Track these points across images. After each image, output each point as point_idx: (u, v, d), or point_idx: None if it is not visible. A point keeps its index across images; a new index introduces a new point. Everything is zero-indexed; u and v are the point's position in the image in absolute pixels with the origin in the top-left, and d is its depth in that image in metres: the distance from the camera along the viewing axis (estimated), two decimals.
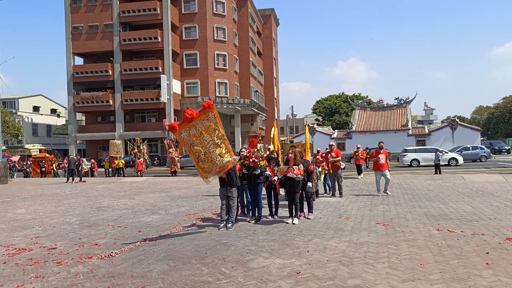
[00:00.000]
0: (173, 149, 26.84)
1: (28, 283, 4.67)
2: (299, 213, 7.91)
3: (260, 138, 16.07)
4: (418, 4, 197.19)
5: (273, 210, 8.48)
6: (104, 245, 6.45)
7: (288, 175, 7.52)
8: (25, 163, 34.01)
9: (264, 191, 8.35)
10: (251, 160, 7.76)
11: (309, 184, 8.07)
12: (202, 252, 5.79)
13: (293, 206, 7.75)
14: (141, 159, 26.66)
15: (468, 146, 32.68)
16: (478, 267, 4.69)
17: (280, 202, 8.90)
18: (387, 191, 11.52)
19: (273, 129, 11.44)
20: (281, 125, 67.41)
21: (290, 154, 7.83)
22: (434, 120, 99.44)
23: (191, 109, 6.81)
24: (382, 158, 11.49)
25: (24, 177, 30.02)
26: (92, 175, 27.49)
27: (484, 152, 32.11)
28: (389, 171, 11.67)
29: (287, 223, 7.64)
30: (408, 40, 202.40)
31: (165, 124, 39.12)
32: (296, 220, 7.67)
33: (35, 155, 35.31)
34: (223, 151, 7.05)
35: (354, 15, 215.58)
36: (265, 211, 8.77)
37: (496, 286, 4.08)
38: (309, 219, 8.03)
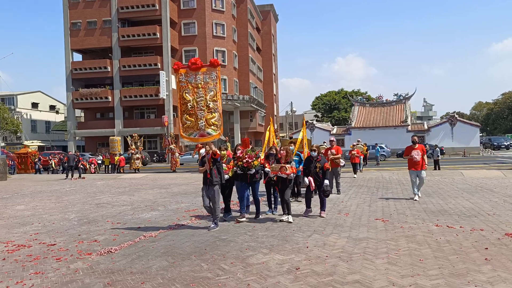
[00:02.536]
0: (174, 145, 26.85)
1: (27, 279, 4.67)
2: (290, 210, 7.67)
3: (278, 133, 15.85)
4: (416, 0, 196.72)
5: (273, 206, 8.49)
6: (104, 242, 6.45)
7: (279, 174, 7.37)
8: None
9: (263, 188, 8.37)
10: (244, 160, 7.47)
11: (326, 181, 7.82)
12: (201, 248, 5.79)
13: (285, 203, 7.52)
14: (123, 156, 27.12)
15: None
16: (477, 263, 4.70)
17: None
18: (419, 194, 10.00)
19: (270, 125, 11.25)
20: (281, 121, 67.36)
21: (281, 151, 7.60)
22: (433, 116, 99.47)
23: (198, 59, 6.94)
24: (417, 154, 9.76)
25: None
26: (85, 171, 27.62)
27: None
28: (425, 168, 9.89)
29: (281, 221, 7.45)
30: (407, 36, 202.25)
31: (164, 120, 39.09)
32: (291, 218, 7.42)
33: (17, 151, 34.86)
34: (213, 121, 6.82)
35: (352, 11, 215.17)
36: (264, 207, 8.78)
37: (495, 282, 4.09)
38: (323, 217, 7.80)
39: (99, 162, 30.04)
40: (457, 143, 37.83)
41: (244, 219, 7.66)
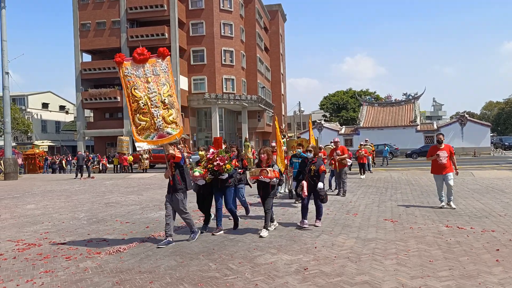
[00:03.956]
0: (182, 145, 26.96)
1: (37, 277, 4.72)
2: (269, 223, 6.75)
3: (285, 132, 15.32)
4: None
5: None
6: (112, 241, 6.49)
7: (260, 178, 6.54)
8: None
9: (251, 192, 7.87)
10: (215, 163, 6.53)
11: (320, 185, 7.01)
12: (209, 248, 5.80)
13: (266, 213, 6.63)
14: (127, 156, 27.37)
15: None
16: (488, 264, 4.64)
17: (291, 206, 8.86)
18: (451, 203, 8.54)
19: (275, 124, 11.12)
20: (288, 121, 67.25)
21: (262, 155, 6.81)
22: (443, 116, 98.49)
23: (144, 49, 6.09)
24: (442, 156, 8.47)
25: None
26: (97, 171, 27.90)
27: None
28: (456, 173, 8.66)
29: (261, 236, 6.39)
30: (416, 35, 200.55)
31: None
32: (264, 232, 6.43)
33: (25, 151, 35.24)
34: (171, 119, 6.00)
35: (360, 10, 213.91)
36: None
37: (506, 283, 4.02)
38: (317, 226, 6.99)
39: (95, 162, 30.27)
40: (467, 143, 37.43)
41: (220, 232, 6.73)
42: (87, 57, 45.83)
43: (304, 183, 6.98)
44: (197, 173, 6.49)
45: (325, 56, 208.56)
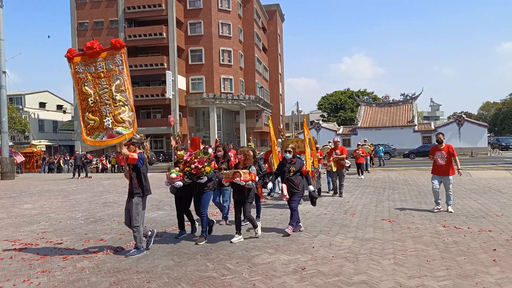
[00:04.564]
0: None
1: (34, 277, 4.70)
2: (257, 225, 6.40)
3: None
4: None
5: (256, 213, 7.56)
6: (110, 240, 6.48)
7: (235, 181, 6.00)
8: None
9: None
10: (193, 166, 5.97)
11: (310, 187, 6.76)
12: (207, 248, 5.79)
13: (239, 219, 6.24)
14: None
15: None
16: (485, 264, 4.65)
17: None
18: (449, 207, 8.11)
19: (269, 123, 10.73)
20: (286, 121, 67.28)
21: (239, 155, 6.32)
22: (440, 116, 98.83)
23: (95, 42, 5.63)
24: (440, 157, 8.14)
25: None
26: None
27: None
28: (459, 173, 8.32)
29: (231, 242, 6.07)
30: (414, 36, 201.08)
31: (171, 120, 39.21)
32: (237, 238, 6.07)
33: (22, 150, 35.14)
34: (122, 117, 5.53)
35: (359, 10, 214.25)
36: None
37: (503, 283, 4.04)
38: (288, 234, 6.37)
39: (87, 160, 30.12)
40: (464, 143, 37.54)
41: (203, 242, 6.10)
42: None
43: (284, 185, 6.63)
44: (174, 175, 6.06)
45: (323, 56, 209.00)
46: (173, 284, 4.34)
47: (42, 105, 58.48)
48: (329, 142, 21.11)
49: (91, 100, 5.57)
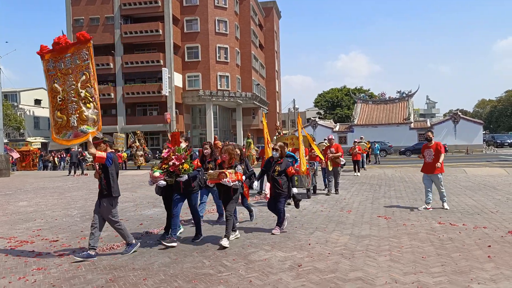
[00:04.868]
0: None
1: (30, 275, 4.68)
2: (231, 231, 5.91)
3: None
4: None
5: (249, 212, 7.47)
6: (106, 238, 6.47)
7: (222, 182, 5.67)
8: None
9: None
10: (170, 163, 5.70)
11: (294, 190, 6.52)
12: (203, 245, 5.79)
13: (227, 220, 5.83)
14: (121, 153, 27.22)
15: None
16: (480, 260, 4.68)
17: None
18: (444, 204, 8.10)
19: (263, 120, 10.11)
20: (283, 119, 67.30)
21: (223, 155, 6.01)
22: (436, 113, 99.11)
23: (62, 37, 5.47)
24: (428, 154, 8.12)
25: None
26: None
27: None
28: (437, 169, 7.98)
29: (222, 246, 5.66)
30: (410, 33, 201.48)
31: (167, 117, 39.12)
32: (225, 241, 5.60)
33: (18, 148, 35.00)
34: (87, 115, 5.31)
35: (355, 8, 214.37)
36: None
37: (498, 279, 4.07)
38: (274, 234, 6.27)
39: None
40: (460, 140, 37.72)
41: (173, 243, 5.73)
42: None
43: (267, 184, 6.47)
44: (157, 174, 5.76)
45: (320, 53, 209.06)
46: (170, 281, 4.34)
47: (38, 102, 58.11)
48: (324, 139, 21.05)
49: (59, 98, 5.44)
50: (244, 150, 7.42)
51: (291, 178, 6.49)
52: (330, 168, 10.91)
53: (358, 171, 16.51)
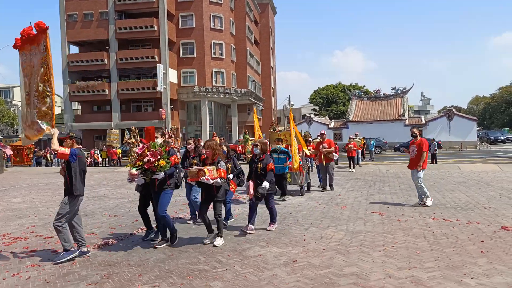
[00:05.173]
0: (173, 139, 26.75)
1: (24, 271, 4.66)
2: (220, 233, 5.67)
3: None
4: None
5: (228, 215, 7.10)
6: (101, 234, 6.45)
7: (201, 179, 5.30)
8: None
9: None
10: (145, 160, 5.30)
11: (265, 184, 6.13)
12: (198, 241, 5.79)
13: (206, 220, 5.63)
14: (116, 149, 27.26)
15: None
16: (473, 255, 4.72)
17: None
18: (425, 200, 8.07)
19: (252, 114, 10.08)
20: (278, 115, 67.29)
21: (206, 150, 5.67)
22: (430, 110, 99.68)
23: (27, 28, 5.23)
24: (412, 150, 8.22)
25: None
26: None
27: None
28: (417, 169, 8.02)
29: (203, 242, 5.65)
30: (405, 30, 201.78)
31: (162, 113, 38.96)
32: (219, 241, 5.51)
33: (12, 143, 34.76)
34: (45, 110, 5.15)
35: (350, 4, 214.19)
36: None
37: (490, 274, 4.11)
38: (269, 230, 6.23)
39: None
40: (454, 137, 37.91)
41: (163, 244, 5.55)
42: (74, 49, 45.12)
43: (250, 183, 6.28)
44: (134, 170, 5.44)
45: (315, 49, 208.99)
46: (165, 277, 4.34)
47: None
48: (318, 136, 20.99)
49: (26, 92, 5.32)
50: (241, 146, 7.27)
51: (268, 173, 6.22)
52: (323, 163, 10.65)
53: (353, 168, 16.55)
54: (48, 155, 30.47)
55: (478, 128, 48.29)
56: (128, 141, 27.70)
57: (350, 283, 3.98)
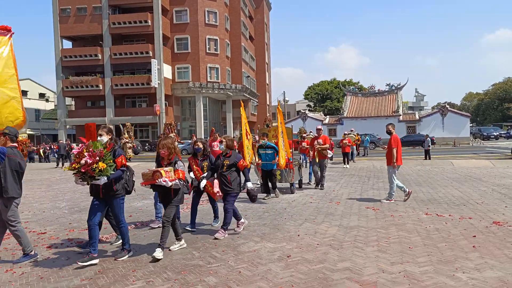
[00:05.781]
0: (174, 134, 26.63)
1: (17, 267, 4.64)
2: (166, 240, 4.97)
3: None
4: None
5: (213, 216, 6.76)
6: None
7: (157, 182, 4.75)
8: None
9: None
10: (82, 161, 4.51)
11: (249, 184, 5.92)
12: (193, 236, 5.80)
13: (164, 227, 4.98)
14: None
15: None
16: (465, 250, 4.78)
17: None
18: (390, 198, 8.26)
19: (241, 111, 9.46)
20: (273, 111, 67.27)
21: (161, 150, 5.09)
22: (424, 106, 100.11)
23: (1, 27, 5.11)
24: (388, 148, 8.50)
25: None
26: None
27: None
28: (393, 165, 8.21)
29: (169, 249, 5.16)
30: (400, 26, 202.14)
31: (156, 109, 38.79)
32: (159, 253, 4.75)
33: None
34: (7, 112, 5.06)
35: (345, 0, 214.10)
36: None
37: (482, 268, 4.16)
38: (217, 239, 5.58)
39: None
40: (447, 133, 38.16)
41: (125, 257, 4.87)
42: (67, 44, 44.66)
43: (216, 182, 5.89)
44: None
45: (310, 45, 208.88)
46: (159, 272, 4.34)
47: (24, 93, 57.01)
48: (311, 131, 20.99)
49: None
50: (235, 142, 6.85)
51: (243, 172, 5.94)
52: (317, 160, 10.35)
53: (348, 163, 16.61)
54: (41, 151, 30.28)
55: (471, 124, 48.64)
56: (122, 136, 27.64)
57: (344, 277, 4.01)
